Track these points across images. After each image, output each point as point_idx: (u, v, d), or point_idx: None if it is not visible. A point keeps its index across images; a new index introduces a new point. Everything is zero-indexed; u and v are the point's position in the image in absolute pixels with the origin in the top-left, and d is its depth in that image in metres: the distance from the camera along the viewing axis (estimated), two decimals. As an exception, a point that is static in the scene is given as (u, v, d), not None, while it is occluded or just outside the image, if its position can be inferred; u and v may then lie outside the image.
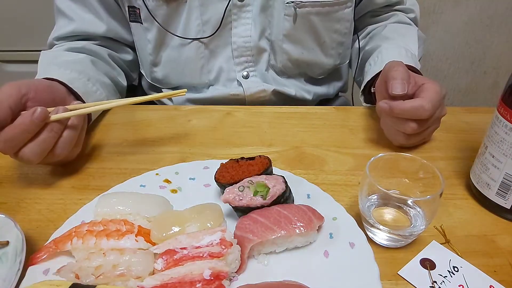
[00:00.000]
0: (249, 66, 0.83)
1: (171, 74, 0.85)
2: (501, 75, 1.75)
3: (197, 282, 0.42)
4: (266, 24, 0.79)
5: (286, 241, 0.48)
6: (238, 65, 0.82)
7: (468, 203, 0.57)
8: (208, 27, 0.77)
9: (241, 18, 0.78)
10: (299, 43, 0.80)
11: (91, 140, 0.71)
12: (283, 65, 0.83)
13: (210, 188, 0.58)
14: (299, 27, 0.77)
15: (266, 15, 0.78)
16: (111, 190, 0.57)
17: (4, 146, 0.55)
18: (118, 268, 0.44)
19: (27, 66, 1.68)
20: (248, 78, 0.84)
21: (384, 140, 0.69)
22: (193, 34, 0.78)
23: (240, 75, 0.83)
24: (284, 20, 0.77)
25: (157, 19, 0.77)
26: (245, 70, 0.83)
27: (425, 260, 0.48)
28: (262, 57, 0.82)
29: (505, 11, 1.61)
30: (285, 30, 0.78)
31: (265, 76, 0.85)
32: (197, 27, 0.77)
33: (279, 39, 0.79)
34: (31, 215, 0.56)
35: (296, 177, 0.58)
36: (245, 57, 0.82)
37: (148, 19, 0.78)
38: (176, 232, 0.48)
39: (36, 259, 0.47)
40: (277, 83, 0.86)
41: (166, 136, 0.71)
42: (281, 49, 0.81)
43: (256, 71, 0.84)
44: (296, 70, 0.85)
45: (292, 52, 0.81)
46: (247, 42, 0.80)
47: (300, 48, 0.81)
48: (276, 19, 0.78)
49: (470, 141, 0.68)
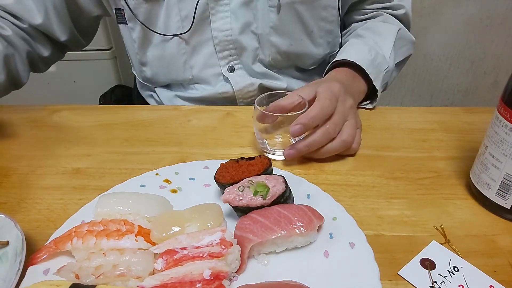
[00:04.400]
0: (233, 60, 0.83)
1: (158, 72, 0.86)
2: (501, 75, 1.75)
3: (197, 282, 0.42)
4: (251, 18, 0.79)
5: (286, 241, 0.48)
6: (222, 59, 0.82)
7: (468, 203, 0.57)
8: (187, 22, 0.78)
9: (219, 12, 0.78)
10: (286, 35, 0.80)
11: (91, 140, 0.71)
12: (272, 58, 0.83)
13: (210, 188, 0.58)
14: (285, 17, 0.77)
15: (250, 8, 0.78)
16: (111, 190, 0.57)
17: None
18: (118, 268, 0.44)
19: (27, 66, 1.68)
20: (233, 71, 0.84)
21: (384, 140, 0.69)
22: (173, 31, 0.79)
23: (225, 69, 0.83)
24: (269, 12, 0.77)
25: (138, 17, 0.78)
26: (228, 64, 0.83)
27: (425, 260, 0.48)
28: (246, 50, 0.82)
29: (505, 11, 1.61)
30: (271, 22, 0.78)
31: (252, 70, 0.84)
32: (177, 23, 0.78)
33: (266, 32, 0.79)
34: (31, 215, 0.56)
35: (296, 177, 0.58)
36: (228, 51, 0.82)
37: (132, 19, 0.79)
38: (176, 232, 0.48)
39: (36, 259, 0.47)
40: (268, 76, 0.85)
41: (166, 136, 0.71)
42: (269, 42, 0.80)
43: (241, 64, 0.84)
44: (286, 62, 0.85)
45: (281, 44, 0.81)
46: (228, 36, 0.80)
47: (288, 40, 0.81)
48: (260, 12, 0.78)
49: (470, 141, 0.68)
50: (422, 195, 0.58)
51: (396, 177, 0.61)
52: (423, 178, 0.61)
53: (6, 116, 0.78)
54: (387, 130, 0.72)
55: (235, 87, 0.83)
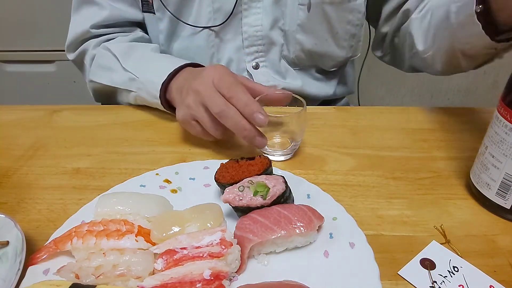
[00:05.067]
0: (259, 56, 0.83)
1: None
2: (501, 75, 1.75)
3: (197, 282, 0.42)
4: (280, 14, 0.79)
5: (286, 241, 0.48)
6: (249, 55, 0.83)
7: (468, 203, 0.57)
8: (219, 15, 0.78)
9: (251, 7, 0.78)
10: (312, 34, 0.80)
11: (91, 140, 0.71)
12: (296, 56, 0.83)
13: (210, 188, 0.58)
14: (313, 17, 0.78)
15: (280, 5, 0.78)
16: (111, 190, 0.57)
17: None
18: (118, 268, 0.44)
19: (27, 66, 1.68)
20: (258, 68, 0.84)
21: (385, 140, 0.69)
22: (203, 23, 0.78)
23: (250, 65, 0.83)
24: (298, 10, 0.77)
25: (168, 8, 0.77)
26: (254, 61, 0.83)
27: (425, 260, 0.48)
28: (273, 47, 0.82)
29: (505, 11, 1.61)
30: (299, 20, 0.78)
31: (277, 67, 0.85)
32: (208, 15, 0.78)
33: (292, 29, 0.80)
34: (31, 215, 0.56)
35: (296, 177, 0.58)
36: (256, 47, 0.82)
37: (160, 9, 0.78)
38: (176, 232, 0.48)
39: (36, 259, 0.47)
40: (289, 75, 0.85)
41: (166, 136, 0.71)
42: (294, 39, 0.81)
43: (266, 61, 0.84)
44: (308, 61, 0.85)
45: (305, 42, 0.81)
46: (258, 31, 0.80)
47: (313, 39, 0.81)
48: (289, 9, 0.78)
49: (470, 141, 0.68)
50: (422, 195, 0.58)
51: (396, 177, 0.61)
52: (423, 178, 0.61)
53: (6, 116, 0.78)
54: (387, 130, 0.72)
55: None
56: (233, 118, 0.57)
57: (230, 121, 0.58)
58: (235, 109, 0.57)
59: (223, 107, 0.58)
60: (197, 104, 0.61)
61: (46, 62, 1.66)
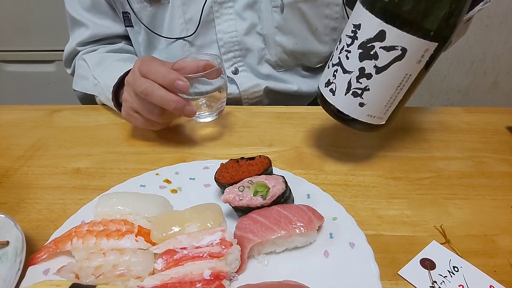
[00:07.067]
0: (237, 61, 0.84)
1: None
2: (501, 75, 1.75)
3: (197, 282, 0.42)
4: (256, 19, 0.80)
5: (286, 241, 0.48)
6: (226, 61, 0.84)
7: (468, 203, 0.57)
8: (191, 25, 0.79)
9: (223, 14, 0.79)
10: (291, 34, 0.81)
11: (91, 140, 0.71)
12: (278, 58, 0.84)
13: (210, 188, 0.58)
14: (288, 17, 0.78)
15: (254, 10, 0.79)
16: (111, 190, 0.57)
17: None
18: (118, 268, 0.44)
19: (27, 66, 1.68)
20: (237, 73, 0.85)
21: (385, 140, 0.69)
22: (177, 33, 0.80)
23: (229, 71, 0.84)
24: (273, 12, 0.78)
25: (142, 21, 0.79)
26: (233, 66, 0.84)
27: (425, 260, 0.48)
28: (251, 51, 0.83)
29: (505, 11, 1.61)
30: (275, 22, 0.79)
31: (257, 71, 0.85)
32: (181, 26, 0.79)
33: (271, 32, 0.80)
34: (31, 215, 0.56)
35: (296, 177, 0.58)
36: (233, 53, 0.83)
37: (137, 23, 0.81)
38: (176, 232, 0.48)
39: (36, 259, 0.47)
40: (274, 78, 0.86)
41: (166, 136, 0.71)
42: (274, 42, 0.81)
43: (244, 66, 0.85)
44: (292, 61, 0.86)
45: (286, 43, 0.81)
46: (233, 37, 0.81)
47: (293, 39, 0.81)
48: (264, 13, 0.79)
49: (470, 141, 0.68)
50: (422, 195, 0.58)
51: (396, 177, 0.61)
52: (423, 178, 0.61)
53: (6, 116, 0.78)
54: (387, 130, 0.72)
55: (240, 87, 0.84)
56: (157, 93, 0.59)
57: (155, 96, 0.60)
58: (158, 85, 0.59)
59: (145, 85, 0.60)
60: (131, 95, 0.64)
61: (45, 62, 1.66)
